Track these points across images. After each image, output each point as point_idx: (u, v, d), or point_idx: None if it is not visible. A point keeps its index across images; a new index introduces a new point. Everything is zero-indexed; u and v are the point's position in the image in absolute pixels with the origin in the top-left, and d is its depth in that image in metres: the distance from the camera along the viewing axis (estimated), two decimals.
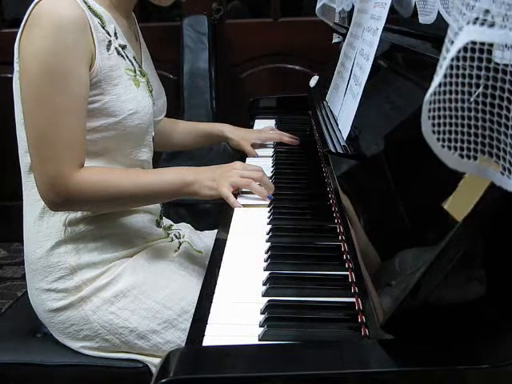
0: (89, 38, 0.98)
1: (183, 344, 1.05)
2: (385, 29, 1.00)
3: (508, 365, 0.54)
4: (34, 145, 0.98)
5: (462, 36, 0.44)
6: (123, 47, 1.07)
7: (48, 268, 1.06)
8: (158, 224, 1.20)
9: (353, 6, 1.47)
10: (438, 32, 0.89)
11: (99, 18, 1.02)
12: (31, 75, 0.96)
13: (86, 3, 0.99)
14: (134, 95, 1.05)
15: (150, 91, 1.14)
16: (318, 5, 1.87)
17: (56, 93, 0.95)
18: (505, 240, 0.57)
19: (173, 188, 1.07)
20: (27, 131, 0.99)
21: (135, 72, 1.09)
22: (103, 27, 1.02)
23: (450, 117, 0.48)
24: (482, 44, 0.45)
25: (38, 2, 0.96)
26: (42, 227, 1.07)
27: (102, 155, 1.06)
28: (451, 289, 0.58)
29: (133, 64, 1.09)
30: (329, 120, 1.24)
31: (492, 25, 0.43)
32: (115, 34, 1.06)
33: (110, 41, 1.03)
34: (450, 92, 0.47)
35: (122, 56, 1.06)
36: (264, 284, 0.82)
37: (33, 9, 0.96)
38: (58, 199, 0.99)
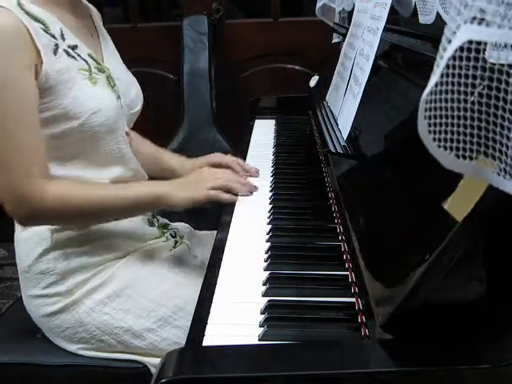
0: (29, 46, 0.94)
1: (179, 341, 1.05)
2: (385, 29, 1.00)
3: (508, 365, 0.54)
4: None
5: (459, 35, 0.44)
6: (73, 47, 1.04)
7: (39, 275, 1.06)
8: (151, 223, 1.19)
9: (353, 6, 1.47)
10: (438, 32, 0.89)
11: (41, 23, 0.98)
12: None
13: (23, 10, 0.95)
14: (91, 94, 1.02)
15: (112, 86, 1.10)
16: (318, 5, 1.87)
17: (4, 110, 0.93)
18: (505, 240, 0.57)
19: (144, 202, 1.05)
20: None
21: (90, 70, 1.05)
22: (46, 31, 0.98)
23: (446, 117, 0.47)
24: (478, 44, 0.45)
25: None
26: (29, 235, 1.07)
27: (75, 158, 1.04)
28: (451, 289, 0.58)
29: (87, 62, 1.05)
30: (329, 120, 1.24)
31: (489, 24, 0.43)
32: (62, 35, 1.02)
33: (56, 44, 0.99)
34: (446, 92, 0.47)
35: (73, 57, 1.02)
36: (264, 284, 0.82)
37: None
38: (26, 215, 0.98)
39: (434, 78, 0.45)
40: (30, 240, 1.07)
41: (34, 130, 0.96)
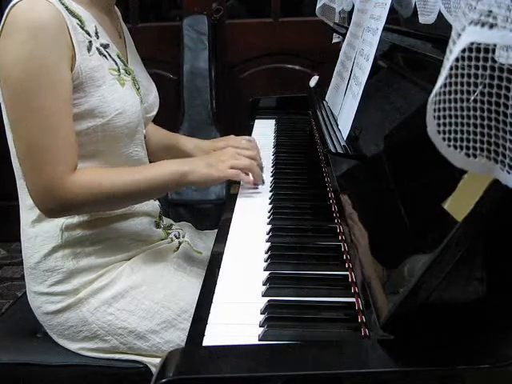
0: (67, 40, 0.96)
1: (183, 344, 1.05)
2: (385, 29, 1.00)
3: (508, 365, 0.54)
4: (25, 153, 0.97)
5: (463, 37, 0.44)
6: (105, 46, 1.05)
7: (46, 272, 1.06)
8: (158, 225, 1.20)
9: (353, 6, 1.47)
10: (438, 32, 0.89)
11: (78, 19, 0.99)
12: (14, 83, 0.93)
13: (63, 4, 0.96)
14: (119, 95, 1.03)
15: (137, 89, 1.12)
16: (318, 5, 1.87)
17: (43, 97, 0.93)
18: (505, 240, 0.57)
19: (169, 181, 1.05)
20: (16, 140, 0.97)
21: (119, 71, 1.06)
22: (82, 27, 0.99)
23: (456, 116, 0.48)
24: (487, 44, 0.45)
25: (13, 6, 0.93)
26: (39, 232, 1.07)
27: (94, 157, 1.05)
28: (451, 289, 0.58)
29: (116, 63, 1.07)
30: (329, 120, 1.24)
31: (492, 26, 0.43)
32: (96, 33, 1.03)
33: (90, 41, 1.00)
34: (456, 92, 0.47)
35: (105, 56, 1.04)
36: (264, 284, 0.82)
37: (8, 13, 0.93)
38: (56, 205, 0.98)
39: (441, 80, 0.46)
40: (38, 237, 1.07)
41: (67, 121, 0.97)
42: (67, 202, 0.98)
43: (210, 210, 2.41)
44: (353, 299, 0.76)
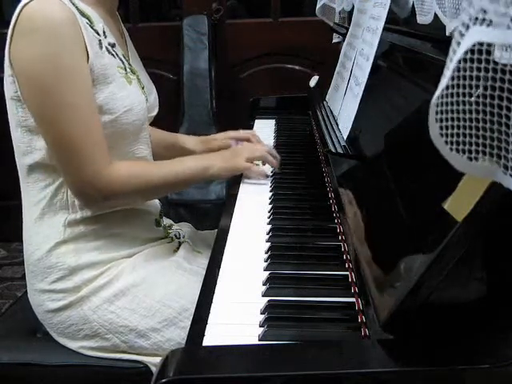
0: (80, 37, 0.97)
1: (183, 342, 1.06)
2: (385, 29, 1.00)
3: (508, 365, 0.54)
4: (61, 151, 0.99)
5: (468, 37, 0.44)
6: (112, 45, 1.07)
7: (48, 269, 1.06)
8: (158, 223, 1.20)
9: (353, 6, 1.47)
10: (437, 32, 0.89)
11: (87, 18, 1.01)
12: (40, 83, 0.95)
13: (73, 4, 0.98)
14: (127, 92, 1.05)
15: (142, 87, 1.14)
16: (318, 5, 1.87)
17: (71, 94, 0.96)
18: (505, 240, 0.57)
19: (196, 174, 1.13)
20: (49, 139, 0.99)
21: (126, 70, 1.09)
22: (92, 27, 1.01)
23: (458, 119, 0.48)
24: (489, 45, 0.45)
25: (24, 6, 0.94)
26: (41, 228, 1.07)
27: None
28: (451, 289, 0.58)
29: (123, 62, 1.09)
30: (329, 120, 1.24)
31: (497, 25, 0.43)
32: (104, 32, 1.05)
33: (99, 40, 1.02)
34: (458, 94, 0.47)
35: (113, 54, 1.06)
36: (264, 284, 0.82)
37: (20, 12, 0.94)
38: (98, 197, 1.03)
39: (445, 81, 0.45)
40: (41, 233, 1.07)
41: (94, 115, 1.00)
42: (105, 196, 1.03)
43: (209, 210, 2.41)
44: (353, 299, 0.76)
